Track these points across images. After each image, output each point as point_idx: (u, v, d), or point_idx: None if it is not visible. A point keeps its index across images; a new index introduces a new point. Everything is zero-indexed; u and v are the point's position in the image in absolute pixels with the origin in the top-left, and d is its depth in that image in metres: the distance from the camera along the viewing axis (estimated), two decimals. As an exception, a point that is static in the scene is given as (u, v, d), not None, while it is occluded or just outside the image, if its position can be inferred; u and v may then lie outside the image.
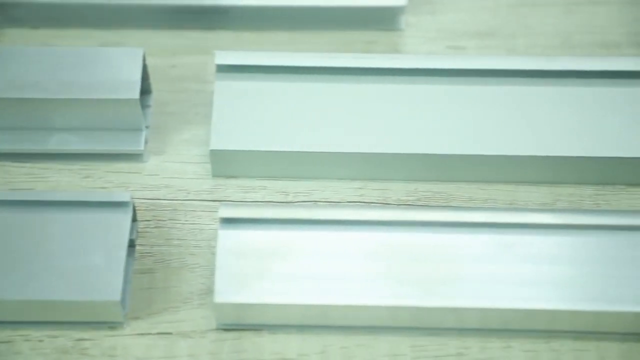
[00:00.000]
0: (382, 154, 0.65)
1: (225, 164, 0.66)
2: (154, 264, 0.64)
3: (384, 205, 0.66)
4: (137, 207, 0.65)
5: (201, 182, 0.67)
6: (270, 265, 0.60)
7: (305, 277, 0.60)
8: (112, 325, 0.61)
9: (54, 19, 0.74)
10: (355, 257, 0.60)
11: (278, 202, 0.66)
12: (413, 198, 0.67)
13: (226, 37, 0.74)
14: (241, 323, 0.61)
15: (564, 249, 0.61)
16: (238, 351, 0.60)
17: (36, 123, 0.67)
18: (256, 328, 0.61)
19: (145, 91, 0.69)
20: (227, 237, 0.61)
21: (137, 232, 0.64)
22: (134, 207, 0.63)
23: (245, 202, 0.66)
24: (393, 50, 0.74)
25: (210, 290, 0.62)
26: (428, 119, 0.66)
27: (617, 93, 0.67)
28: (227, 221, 0.61)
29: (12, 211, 0.62)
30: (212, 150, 0.66)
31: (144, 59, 0.67)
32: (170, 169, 0.68)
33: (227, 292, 0.59)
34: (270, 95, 0.67)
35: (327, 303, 0.59)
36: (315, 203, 0.66)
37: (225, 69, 0.68)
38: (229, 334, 0.61)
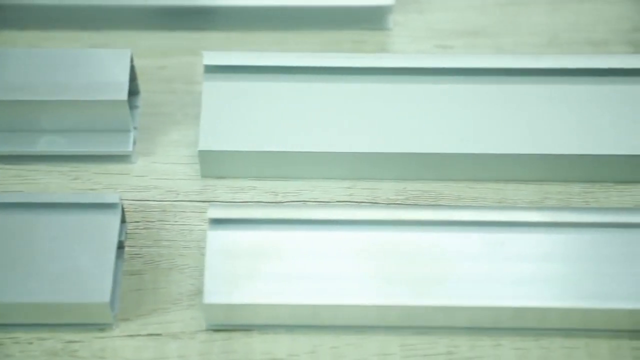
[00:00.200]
0: (371, 153, 0.65)
1: (214, 164, 0.66)
2: (143, 265, 0.64)
3: (373, 204, 0.66)
4: (126, 209, 0.65)
5: (190, 182, 0.67)
6: (260, 265, 0.60)
7: (295, 277, 0.60)
8: (101, 327, 0.61)
9: (42, 21, 0.74)
10: (345, 256, 0.60)
11: (267, 203, 0.66)
12: (402, 197, 0.67)
13: (214, 38, 0.74)
14: (231, 323, 0.61)
15: (553, 247, 0.61)
16: (228, 352, 0.60)
17: (24, 125, 0.67)
18: (246, 328, 0.61)
19: (134, 92, 0.69)
20: (217, 238, 0.61)
21: (126, 233, 0.64)
22: (123, 208, 0.63)
23: (235, 202, 0.66)
24: (381, 50, 0.74)
25: (199, 291, 0.62)
26: (417, 118, 0.66)
27: (605, 91, 0.67)
28: (216, 222, 0.61)
29: (0, 213, 0.62)
30: (200, 151, 0.66)
31: (132, 60, 0.67)
32: (159, 170, 0.68)
33: (216, 293, 0.59)
34: (259, 95, 0.67)
35: (316, 303, 0.59)
36: (304, 203, 0.66)
37: (213, 70, 0.68)
38: (219, 335, 0.61)
